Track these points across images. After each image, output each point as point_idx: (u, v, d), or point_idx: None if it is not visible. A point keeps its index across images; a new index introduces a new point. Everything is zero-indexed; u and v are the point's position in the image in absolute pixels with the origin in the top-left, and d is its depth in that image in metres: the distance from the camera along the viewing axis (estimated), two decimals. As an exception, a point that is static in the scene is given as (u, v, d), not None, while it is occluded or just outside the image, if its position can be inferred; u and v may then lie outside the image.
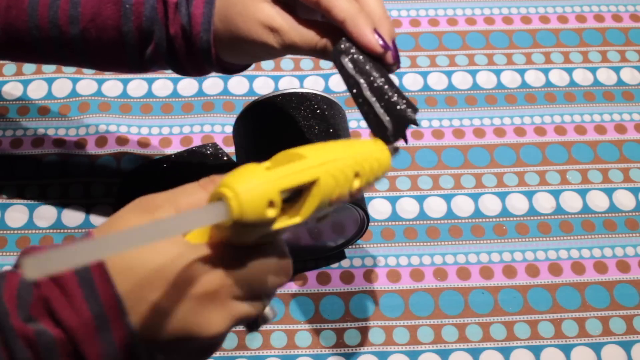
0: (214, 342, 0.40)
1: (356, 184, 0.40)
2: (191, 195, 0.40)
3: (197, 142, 0.70)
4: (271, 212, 0.35)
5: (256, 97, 0.61)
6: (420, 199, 0.67)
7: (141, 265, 0.37)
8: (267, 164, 0.38)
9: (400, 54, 0.76)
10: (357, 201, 0.57)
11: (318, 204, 0.37)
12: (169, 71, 0.62)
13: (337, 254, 0.64)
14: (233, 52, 0.51)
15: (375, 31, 0.46)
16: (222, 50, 0.51)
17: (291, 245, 0.57)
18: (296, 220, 0.37)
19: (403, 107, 0.43)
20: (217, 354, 0.60)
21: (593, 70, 0.76)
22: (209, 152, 0.68)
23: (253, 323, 0.42)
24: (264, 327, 0.61)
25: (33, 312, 0.36)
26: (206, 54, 0.51)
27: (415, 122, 0.43)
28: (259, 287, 0.39)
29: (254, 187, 0.35)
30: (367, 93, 0.45)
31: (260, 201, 0.35)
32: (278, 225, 0.36)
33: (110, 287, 0.36)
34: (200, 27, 0.50)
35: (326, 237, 0.62)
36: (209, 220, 0.35)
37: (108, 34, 0.52)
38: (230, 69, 0.54)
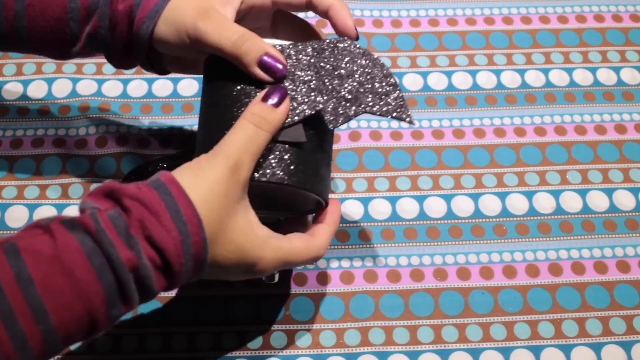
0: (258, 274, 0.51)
1: None
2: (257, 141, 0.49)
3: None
4: None
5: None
6: (420, 199, 0.67)
7: (218, 198, 0.46)
8: None
9: (400, 54, 0.76)
10: (324, 196, 0.54)
11: None
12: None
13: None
14: (162, 46, 0.54)
15: None
16: (157, 41, 0.54)
17: (264, 202, 0.55)
18: None
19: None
20: (217, 354, 0.60)
21: (593, 71, 0.76)
22: None
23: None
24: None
25: (132, 231, 0.43)
26: (141, 39, 0.53)
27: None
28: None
29: None
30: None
31: None
32: None
33: (193, 210, 0.45)
34: (147, 13, 0.53)
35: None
36: None
37: (53, 10, 0.54)
38: (156, 66, 0.57)
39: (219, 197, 0.46)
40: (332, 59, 0.52)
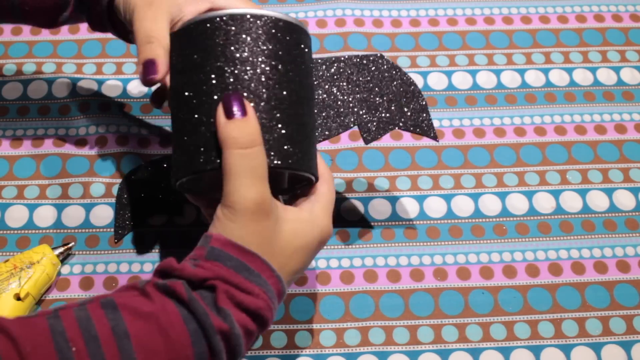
0: None
1: None
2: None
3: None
4: None
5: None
6: (420, 199, 0.67)
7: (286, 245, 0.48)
8: None
9: (400, 54, 0.76)
10: (313, 172, 0.51)
11: None
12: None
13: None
14: (120, 16, 0.55)
15: None
16: (115, 10, 0.56)
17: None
18: None
19: None
20: (217, 354, 0.60)
21: (593, 70, 0.76)
22: None
23: None
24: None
25: (221, 304, 0.44)
26: (103, 5, 0.56)
27: None
28: None
29: None
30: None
31: None
32: None
33: (270, 270, 0.46)
34: None
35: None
36: None
37: None
38: (120, 32, 0.59)
39: (264, 235, 0.47)
40: (367, 76, 0.56)
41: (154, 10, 0.53)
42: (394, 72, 0.58)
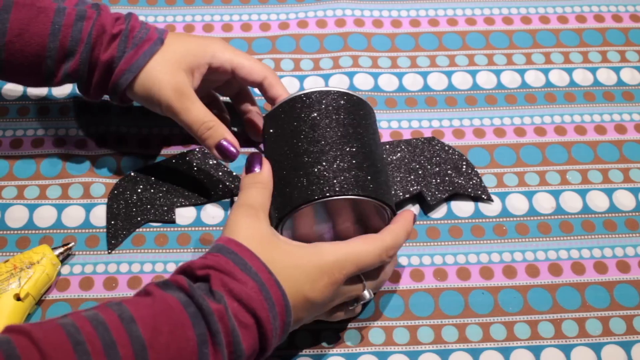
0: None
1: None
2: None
3: (197, 142, 0.70)
4: None
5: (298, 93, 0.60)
6: (421, 199, 0.67)
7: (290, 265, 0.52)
8: None
9: (400, 54, 0.76)
10: (386, 201, 0.57)
11: None
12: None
13: None
14: (139, 97, 0.63)
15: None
16: (130, 92, 0.62)
17: None
18: None
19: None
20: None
21: (593, 71, 0.76)
22: (199, 156, 0.68)
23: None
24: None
25: (214, 287, 0.48)
26: (118, 88, 0.62)
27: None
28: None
29: None
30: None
31: None
32: None
33: (268, 272, 0.50)
34: (128, 67, 0.60)
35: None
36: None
37: (32, 48, 0.60)
38: (124, 102, 0.64)
39: (261, 236, 0.52)
40: (427, 153, 0.68)
41: (190, 97, 0.61)
42: (446, 147, 0.69)
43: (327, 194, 0.55)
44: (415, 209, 0.67)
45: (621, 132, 0.72)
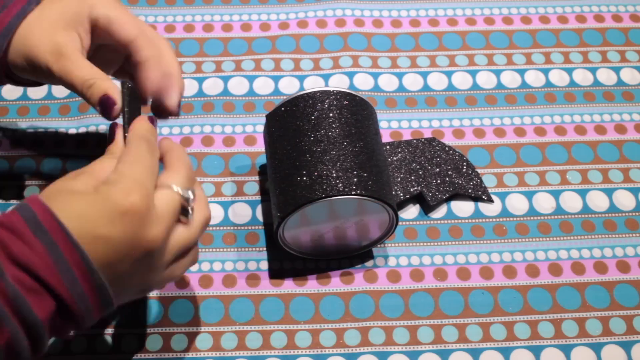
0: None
1: None
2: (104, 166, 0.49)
3: (197, 142, 0.70)
4: None
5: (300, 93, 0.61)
6: (421, 200, 0.67)
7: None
8: None
9: (400, 54, 0.76)
10: (388, 201, 0.58)
11: None
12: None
13: (363, 254, 0.64)
14: (20, 66, 0.55)
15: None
16: (12, 64, 0.54)
17: (317, 246, 0.59)
18: None
19: None
20: (217, 354, 0.60)
21: (593, 71, 0.76)
22: None
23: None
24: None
25: None
26: None
27: None
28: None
29: None
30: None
31: None
32: None
33: (55, 221, 0.43)
34: (1, 31, 0.53)
35: (352, 238, 0.62)
36: None
37: None
38: (17, 80, 0.57)
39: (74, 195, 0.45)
40: (427, 154, 0.67)
41: (71, 57, 0.53)
42: (446, 148, 0.68)
43: (330, 194, 0.55)
44: (415, 209, 0.67)
45: (621, 132, 0.72)
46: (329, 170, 0.56)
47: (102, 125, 0.70)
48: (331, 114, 0.59)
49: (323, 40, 0.76)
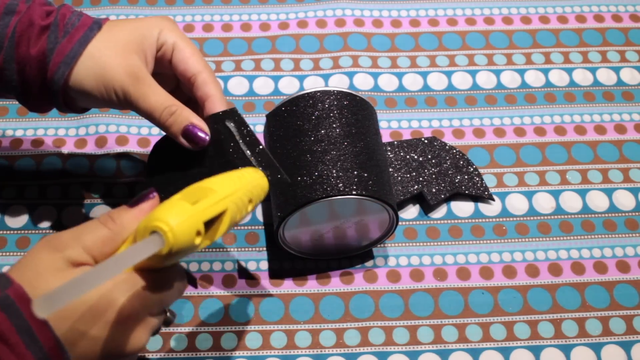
0: (137, 353, 0.46)
1: (250, 208, 0.48)
2: (94, 232, 0.45)
3: (197, 142, 0.70)
4: (198, 240, 0.42)
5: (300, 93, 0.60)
6: (421, 200, 0.67)
7: (73, 304, 0.42)
8: (180, 196, 0.43)
9: (400, 54, 0.76)
10: (388, 201, 0.58)
11: (227, 228, 0.45)
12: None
13: (363, 254, 0.64)
14: (86, 91, 0.53)
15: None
16: (73, 89, 0.53)
17: (317, 246, 0.59)
18: (208, 242, 0.44)
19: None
20: (217, 354, 0.60)
21: (593, 71, 0.76)
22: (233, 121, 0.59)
23: (158, 329, 0.49)
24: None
25: None
26: (55, 86, 0.52)
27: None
28: (167, 302, 0.46)
29: (185, 220, 0.41)
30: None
31: (191, 231, 0.42)
32: (198, 248, 0.44)
33: (49, 331, 0.41)
34: (63, 58, 0.51)
35: (352, 238, 0.62)
36: (148, 252, 0.40)
37: None
38: (71, 107, 0.55)
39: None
40: (428, 154, 0.67)
41: (146, 80, 0.52)
42: (447, 147, 0.68)
43: (330, 194, 0.55)
44: (415, 209, 0.67)
45: (621, 132, 0.72)
46: (329, 170, 0.56)
47: (102, 125, 0.70)
48: (332, 114, 0.59)
49: (323, 40, 0.76)
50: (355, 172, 0.56)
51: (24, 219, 0.66)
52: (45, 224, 0.65)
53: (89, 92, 0.52)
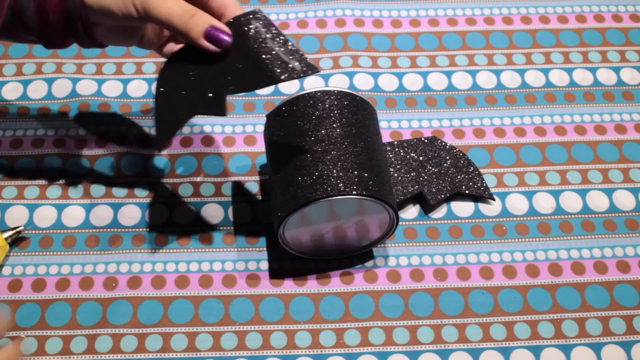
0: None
1: None
2: None
3: (197, 142, 0.70)
4: None
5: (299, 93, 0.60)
6: (421, 200, 0.67)
7: None
8: None
9: (400, 54, 0.76)
10: (389, 201, 0.58)
11: None
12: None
13: (363, 254, 0.64)
14: (100, 13, 0.53)
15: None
16: (89, 9, 0.53)
17: (317, 246, 0.59)
18: None
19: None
20: (217, 354, 0.60)
21: (593, 71, 0.76)
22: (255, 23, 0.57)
23: None
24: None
25: None
26: (73, 9, 0.52)
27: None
28: None
29: None
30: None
31: None
32: None
33: None
34: None
35: (352, 238, 0.62)
36: None
37: None
38: (90, 36, 0.55)
39: None
40: (428, 153, 0.67)
41: None
42: (447, 147, 0.68)
43: (331, 194, 0.55)
44: (415, 209, 0.67)
45: (621, 132, 0.72)
46: (329, 170, 0.56)
47: (102, 125, 0.70)
48: (332, 114, 0.59)
49: (323, 40, 0.76)
50: (356, 172, 0.56)
51: (24, 219, 0.66)
52: (45, 224, 0.65)
53: (107, 6, 0.53)
